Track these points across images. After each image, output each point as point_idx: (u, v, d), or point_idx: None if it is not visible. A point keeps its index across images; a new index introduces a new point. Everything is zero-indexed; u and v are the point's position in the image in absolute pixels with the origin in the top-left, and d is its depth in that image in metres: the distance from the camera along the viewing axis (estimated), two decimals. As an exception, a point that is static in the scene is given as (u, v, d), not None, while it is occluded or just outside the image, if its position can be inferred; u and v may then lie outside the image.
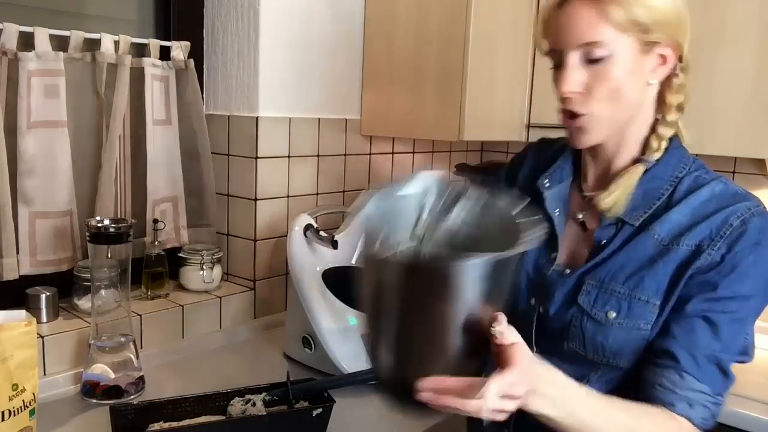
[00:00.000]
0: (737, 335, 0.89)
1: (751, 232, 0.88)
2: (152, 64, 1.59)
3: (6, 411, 1.04)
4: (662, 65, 0.91)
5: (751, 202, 0.91)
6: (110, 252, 1.32)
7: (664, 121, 0.94)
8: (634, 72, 0.89)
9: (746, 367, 1.59)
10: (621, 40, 0.87)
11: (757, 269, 0.88)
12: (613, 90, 0.89)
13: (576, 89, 0.90)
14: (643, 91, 0.92)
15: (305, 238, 1.51)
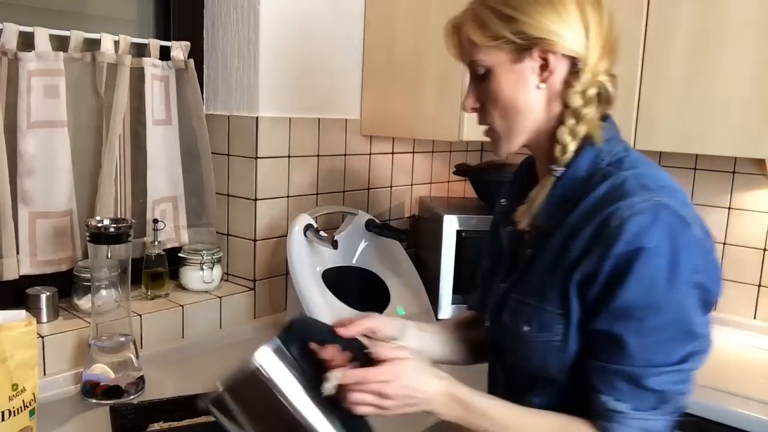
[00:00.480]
0: (651, 348, 0.81)
1: (626, 235, 0.79)
2: (152, 64, 1.59)
3: (6, 411, 1.04)
4: (546, 70, 0.87)
5: (641, 197, 0.81)
6: (110, 252, 1.32)
7: (563, 126, 0.89)
8: (517, 82, 0.88)
9: (746, 367, 1.59)
10: (493, 55, 0.88)
11: (643, 275, 0.79)
12: (501, 102, 0.90)
13: (473, 105, 0.94)
14: (534, 97, 0.89)
15: (305, 238, 1.51)
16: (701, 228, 0.85)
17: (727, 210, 1.92)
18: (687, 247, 0.81)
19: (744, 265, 1.90)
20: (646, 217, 0.79)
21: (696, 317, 0.83)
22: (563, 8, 0.85)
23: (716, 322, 1.99)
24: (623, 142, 0.92)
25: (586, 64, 0.86)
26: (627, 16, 1.74)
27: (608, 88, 0.89)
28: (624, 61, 1.78)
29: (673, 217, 0.81)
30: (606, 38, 0.88)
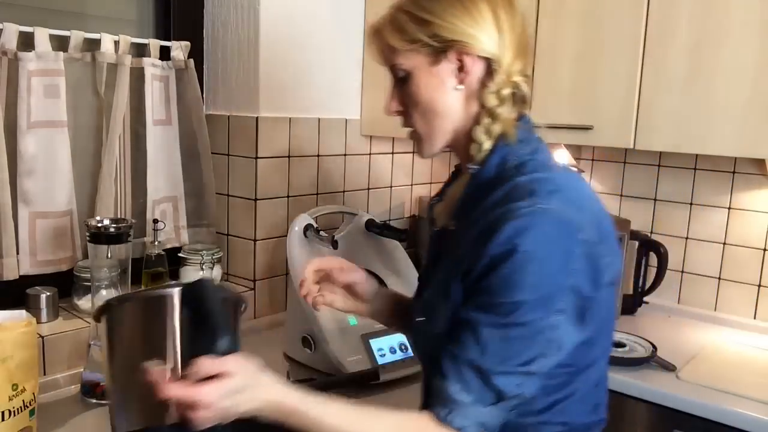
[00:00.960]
0: (505, 345, 0.81)
1: (501, 237, 0.81)
2: (152, 64, 1.59)
3: (6, 411, 1.04)
4: (462, 71, 0.90)
5: (526, 202, 0.82)
6: (110, 252, 1.32)
7: (479, 125, 0.91)
8: (436, 84, 0.91)
9: (746, 367, 1.59)
10: (411, 58, 0.91)
11: (510, 276, 0.80)
12: (421, 104, 0.92)
13: (396, 108, 0.96)
14: (452, 99, 0.91)
15: (305, 238, 1.51)
16: (597, 232, 0.84)
17: (727, 210, 1.92)
18: (564, 252, 0.81)
19: (744, 265, 1.90)
20: (523, 221, 0.81)
21: (558, 322, 0.82)
22: (477, 11, 0.88)
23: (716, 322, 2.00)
24: (536, 143, 0.93)
25: (501, 65, 0.89)
26: (627, 16, 1.74)
27: (523, 89, 0.92)
28: (624, 61, 1.79)
29: (552, 223, 0.81)
30: (519, 40, 0.91)
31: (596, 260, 0.84)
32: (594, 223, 0.85)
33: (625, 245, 1.80)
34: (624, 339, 1.68)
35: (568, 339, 0.84)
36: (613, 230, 0.91)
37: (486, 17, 0.88)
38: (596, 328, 0.88)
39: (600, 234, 0.85)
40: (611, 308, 0.94)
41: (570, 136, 1.88)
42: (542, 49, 1.91)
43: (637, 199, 2.08)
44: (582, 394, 0.91)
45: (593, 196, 0.92)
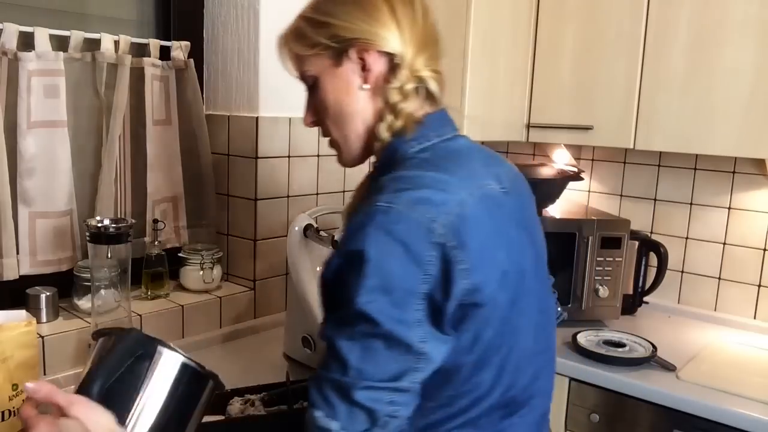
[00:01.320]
0: (363, 357, 0.75)
1: (344, 239, 0.79)
2: (152, 64, 1.59)
3: (6, 411, 1.04)
4: (365, 69, 0.89)
5: (372, 202, 0.78)
6: (110, 252, 1.32)
7: (382, 122, 0.89)
8: (342, 86, 0.90)
9: (746, 367, 1.59)
10: (316, 63, 0.91)
11: (353, 281, 0.76)
12: (330, 109, 0.92)
13: (310, 120, 0.96)
14: (360, 99, 0.90)
15: (305, 238, 1.51)
16: (455, 237, 0.77)
17: (727, 210, 1.92)
18: (412, 256, 0.75)
19: (744, 265, 1.90)
20: (359, 222, 0.78)
21: (415, 331, 0.76)
22: (373, 8, 0.88)
23: (716, 322, 2.00)
24: (435, 139, 0.89)
25: (403, 60, 0.88)
26: (627, 16, 1.74)
27: (429, 83, 0.90)
28: (624, 61, 1.79)
29: (392, 223, 0.76)
30: (422, 33, 0.90)
31: (449, 266, 0.77)
32: (454, 227, 0.77)
33: (625, 245, 1.80)
34: (624, 339, 1.68)
35: (437, 351, 0.78)
36: (498, 242, 0.82)
37: (383, 13, 0.87)
38: (483, 351, 0.82)
39: (461, 239, 0.77)
40: (508, 331, 0.85)
41: (570, 136, 1.88)
42: (542, 49, 1.91)
43: (637, 199, 2.08)
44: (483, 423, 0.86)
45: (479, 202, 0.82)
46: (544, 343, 0.94)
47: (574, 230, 1.78)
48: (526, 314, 0.88)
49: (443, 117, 0.94)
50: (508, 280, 0.83)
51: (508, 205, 0.88)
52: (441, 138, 0.90)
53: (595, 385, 1.55)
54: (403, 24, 0.88)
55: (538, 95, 1.93)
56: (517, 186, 0.97)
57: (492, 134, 1.88)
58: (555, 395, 1.60)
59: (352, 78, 0.90)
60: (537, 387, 0.92)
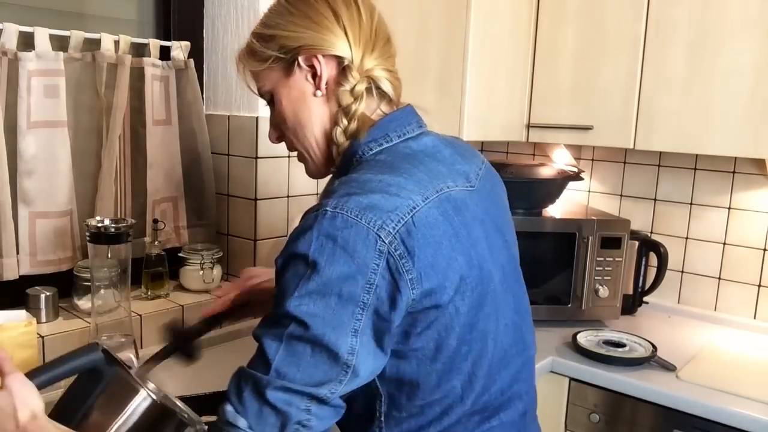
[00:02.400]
0: (286, 360, 0.74)
1: (289, 237, 0.78)
2: (152, 64, 1.59)
3: (6, 411, 1.04)
4: (315, 76, 0.89)
5: (317, 206, 0.78)
6: (110, 252, 1.32)
7: (338, 126, 0.89)
8: (296, 96, 0.91)
9: (746, 367, 1.59)
10: (269, 77, 0.92)
11: (290, 283, 0.75)
12: (288, 120, 0.92)
13: (274, 136, 0.96)
14: (315, 106, 0.91)
15: (305, 238, 1.51)
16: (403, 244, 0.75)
17: (727, 210, 1.92)
18: (357, 263, 0.74)
19: (744, 265, 1.90)
20: (303, 225, 0.77)
21: (346, 340, 0.74)
22: (316, 14, 0.88)
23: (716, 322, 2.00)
24: (396, 139, 0.88)
25: (352, 61, 0.88)
26: (627, 16, 1.74)
27: (381, 83, 0.90)
28: (624, 61, 1.79)
29: (339, 230, 0.74)
30: (369, 34, 0.90)
31: (396, 275, 0.75)
32: (403, 235, 0.76)
33: (625, 245, 1.80)
34: (624, 339, 1.68)
35: (364, 366, 0.76)
36: (456, 247, 0.80)
37: (326, 18, 0.88)
38: (449, 359, 0.81)
39: (409, 247, 0.76)
40: (476, 337, 0.83)
41: (570, 136, 1.88)
42: (542, 49, 1.91)
43: (637, 199, 2.08)
44: (459, 429, 0.85)
45: (435, 206, 0.80)
46: (521, 344, 0.93)
47: (574, 230, 1.78)
48: (495, 318, 0.86)
49: (406, 115, 0.92)
50: (469, 285, 0.81)
51: (473, 205, 0.87)
52: (402, 137, 0.89)
53: (595, 385, 1.55)
54: (348, 26, 0.88)
55: (538, 95, 1.93)
56: (488, 182, 0.95)
57: (492, 134, 1.88)
58: (555, 395, 1.61)
59: (304, 86, 0.90)
60: (515, 390, 0.91)
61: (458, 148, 0.94)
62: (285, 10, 0.90)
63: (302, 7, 0.89)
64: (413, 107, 0.94)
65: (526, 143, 2.16)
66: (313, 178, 0.98)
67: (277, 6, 0.92)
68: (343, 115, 0.89)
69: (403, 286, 0.76)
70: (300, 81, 0.90)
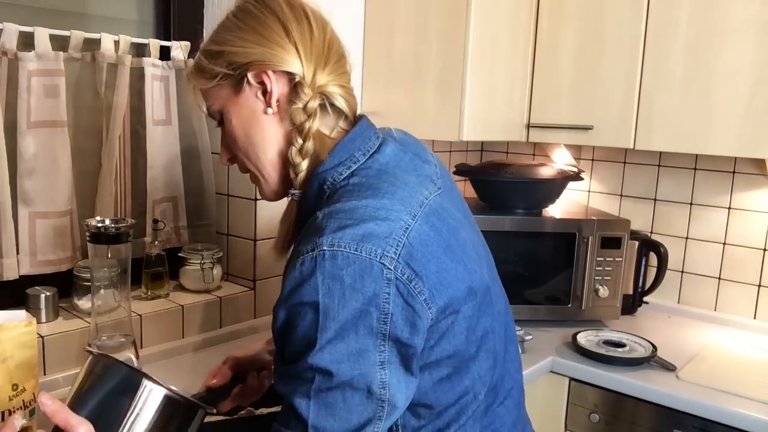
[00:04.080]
0: (325, 413, 0.73)
1: (285, 293, 0.75)
2: (152, 64, 1.59)
3: (6, 411, 1.04)
4: (265, 93, 0.86)
5: (310, 245, 0.74)
6: (110, 252, 1.32)
7: (293, 146, 0.86)
8: (246, 114, 0.87)
9: (746, 367, 1.59)
10: (217, 95, 0.88)
11: (304, 334, 0.73)
12: (239, 140, 0.89)
13: (226, 157, 0.93)
14: (267, 125, 0.87)
15: (305, 238, 1.51)
16: (408, 266, 0.74)
17: (727, 210, 1.92)
18: (368, 296, 0.71)
19: (744, 265, 1.90)
20: (303, 271, 0.73)
21: (376, 375, 0.73)
22: (265, 29, 0.85)
23: (716, 322, 2.00)
24: (362, 158, 0.85)
25: (304, 78, 0.85)
26: (627, 16, 1.74)
27: (335, 99, 0.87)
28: (624, 61, 1.79)
29: (341, 266, 0.71)
30: (321, 49, 0.87)
31: (410, 300, 0.74)
32: (405, 258, 0.74)
33: (625, 245, 1.80)
34: (624, 339, 1.68)
35: (399, 396, 0.75)
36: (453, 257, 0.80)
37: (276, 33, 0.85)
38: (460, 361, 0.81)
39: (415, 269, 0.75)
40: (478, 337, 0.84)
41: (570, 136, 1.88)
42: (542, 49, 1.91)
43: (637, 199, 2.08)
44: (470, 423, 0.86)
45: (424, 222, 0.78)
46: (508, 326, 0.94)
47: (574, 230, 1.78)
48: (491, 312, 0.87)
49: (365, 129, 0.89)
50: (472, 290, 0.81)
51: (448, 208, 0.85)
52: (368, 154, 0.85)
53: (595, 385, 1.55)
54: (299, 42, 0.85)
55: (538, 95, 1.93)
56: (446, 178, 0.93)
57: (492, 134, 1.88)
58: (555, 395, 1.61)
59: (255, 104, 0.87)
60: (506, 368, 0.92)
61: (413, 148, 0.92)
62: (234, 26, 0.87)
63: (252, 23, 0.86)
64: (366, 117, 0.92)
65: (526, 143, 2.16)
66: (268, 200, 0.95)
67: (226, 21, 0.89)
68: (297, 134, 0.85)
69: (420, 309, 0.75)
70: (250, 98, 0.87)
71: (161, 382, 0.82)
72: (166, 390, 0.82)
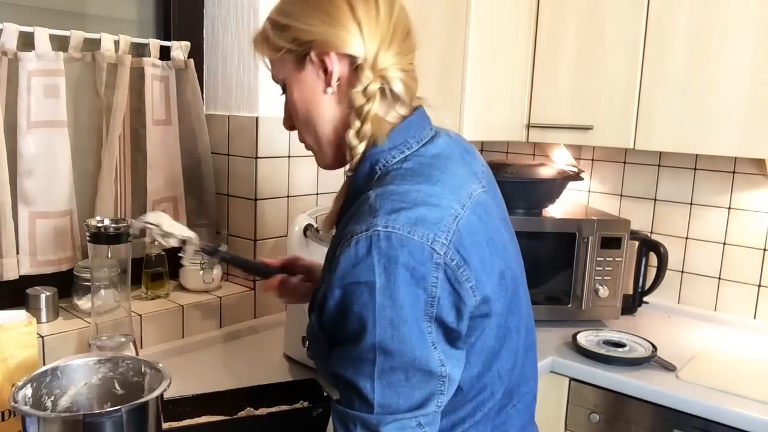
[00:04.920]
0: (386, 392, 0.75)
1: (339, 270, 0.75)
2: (152, 64, 1.59)
3: (6, 411, 1.04)
4: (326, 73, 0.86)
5: (364, 225, 0.75)
6: (110, 252, 1.32)
7: (350, 128, 0.86)
8: (306, 90, 0.88)
9: (746, 367, 1.59)
10: (282, 66, 0.89)
11: (360, 314, 0.73)
12: (298, 113, 0.90)
13: (287, 123, 0.95)
14: (326, 104, 0.88)
15: (305, 238, 1.51)
16: (458, 253, 0.76)
17: (727, 210, 1.92)
18: (418, 279, 0.73)
19: (744, 265, 1.90)
20: (357, 250, 0.74)
21: (433, 355, 0.75)
22: (333, 8, 0.85)
23: (716, 322, 2.00)
24: (415, 145, 0.86)
25: (365, 60, 0.85)
26: (627, 16, 1.74)
27: (393, 84, 0.87)
28: (624, 61, 1.79)
29: (397, 249, 0.73)
30: (386, 31, 0.86)
31: (457, 286, 0.75)
32: (454, 245, 0.76)
33: (625, 245, 1.80)
34: (624, 339, 1.68)
35: (456, 369, 0.78)
36: (493, 249, 0.81)
37: (343, 13, 0.84)
38: (486, 359, 0.83)
39: (463, 256, 0.76)
40: (503, 334, 0.85)
41: (570, 136, 1.88)
42: (542, 49, 1.91)
43: (637, 199, 2.08)
44: (484, 421, 0.87)
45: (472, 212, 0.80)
46: (529, 331, 0.95)
47: (574, 230, 1.78)
48: (518, 312, 0.88)
49: (421, 119, 0.90)
50: (505, 287, 0.83)
51: (491, 205, 0.87)
52: (421, 143, 0.87)
53: (595, 385, 1.55)
54: (364, 23, 0.85)
55: (538, 95, 1.93)
56: (490, 179, 0.94)
57: (492, 134, 1.88)
58: (555, 395, 1.61)
59: (315, 82, 0.87)
60: (523, 373, 0.92)
61: (463, 145, 0.94)
62: (301, 0, 0.87)
63: None
64: (424, 108, 0.93)
65: (526, 143, 2.16)
66: (323, 168, 0.98)
67: None
68: (356, 116, 0.85)
69: (466, 295, 0.76)
70: (311, 76, 0.87)
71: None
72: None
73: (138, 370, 1.05)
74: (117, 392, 1.05)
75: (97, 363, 1.05)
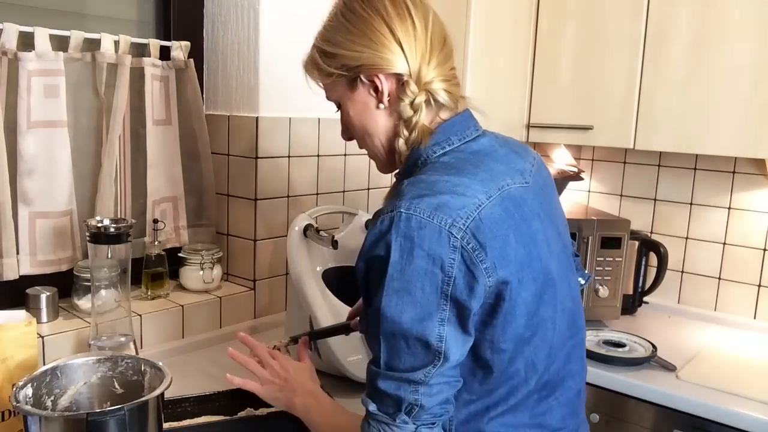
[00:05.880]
0: (391, 353, 0.84)
1: (366, 244, 0.85)
2: (152, 64, 1.59)
3: (6, 411, 1.05)
4: (377, 91, 0.95)
5: (390, 206, 0.84)
6: (110, 252, 1.32)
7: (399, 137, 0.96)
8: (361, 108, 0.97)
9: (746, 367, 1.59)
10: (334, 89, 0.99)
11: (377, 283, 0.83)
12: (355, 129, 1.00)
13: (345, 136, 1.05)
14: (379, 118, 0.97)
15: (305, 238, 1.51)
16: (474, 238, 0.82)
17: (727, 210, 1.92)
18: (434, 259, 0.81)
19: (744, 265, 1.90)
20: (380, 228, 0.83)
21: (435, 329, 0.82)
22: (373, 33, 0.93)
23: (716, 322, 2.00)
24: (458, 142, 0.94)
25: (411, 76, 0.93)
26: (627, 16, 1.74)
27: (438, 95, 0.95)
28: (624, 61, 1.79)
29: (415, 230, 0.81)
30: (425, 44, 0.94)
31: (472, 267, 0.82)
32: (472, 230, 0.82)
33: (625, 245, 1.80)
34: (624, 339, 1.68)
35: (453, 350, 0.83)
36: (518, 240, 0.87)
37: (384, 36, 0.93)
38: (515, 344, 0.87)
39: (480, 241, 0.82)
40: (537, 323, 0.89)
41: (570, 136, 1.88)
42: (542, 49, 1.91)
43: (637, 199, 2.09)
44: (521, 407, 0.91)
45: (498, 204, 0.86)
46: (575, 328, 0.99)
47: (574, 230, 1.78)
48: (554, 304, 0.92)
49: (465, 120, 0.98)
50: (532, 276, 0.87)
51: (530, 200, 0.92)
52: (463, 140, 0.95)
53: (595, 385, 1.55)
54: (405, 42, 0.93)
55: (538, 95, 1.93)
56: (540, 177, 1.00)
57: (492, 134, 1.88)
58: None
59: (368, 100, 0.96)
60: (569, 369, 0.96)
61: (512, 146, 1.01)
62: (344, 28, 0.95)
63: (360, 26, 0.93)
64: (471, 111, 1.00)
65: (526, 143, 2.16)
66: (381, 173, 1.07)
67: (335, 22, 0.97)
68: (404, 127, 0.95)
69: (479, 275, 0.82)
70: (363, 94, 0.96)
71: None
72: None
73: (137, 368, 1.05)
74: (116, 391, 1.06)
75: (96, 362, 1.05)
